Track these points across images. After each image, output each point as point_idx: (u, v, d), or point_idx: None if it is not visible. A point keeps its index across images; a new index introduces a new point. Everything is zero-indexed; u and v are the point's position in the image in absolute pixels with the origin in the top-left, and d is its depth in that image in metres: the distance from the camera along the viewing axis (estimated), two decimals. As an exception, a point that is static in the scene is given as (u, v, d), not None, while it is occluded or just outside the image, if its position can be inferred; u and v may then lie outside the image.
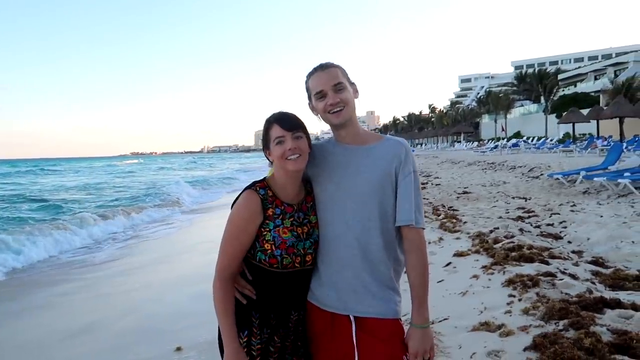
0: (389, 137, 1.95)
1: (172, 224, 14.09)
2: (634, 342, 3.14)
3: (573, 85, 60.60)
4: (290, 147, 1.82)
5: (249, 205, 1.86)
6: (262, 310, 1.90)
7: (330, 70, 1.89)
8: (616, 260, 5.67)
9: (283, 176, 1.91)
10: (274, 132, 1.87)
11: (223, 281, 1.89)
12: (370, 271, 1.83)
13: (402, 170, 1.84)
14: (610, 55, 71.26)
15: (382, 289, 1.84)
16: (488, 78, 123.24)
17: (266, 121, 1.92)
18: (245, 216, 1.85)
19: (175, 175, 47.91)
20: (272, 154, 1.89)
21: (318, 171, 1.95)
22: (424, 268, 1.82)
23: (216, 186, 30.89)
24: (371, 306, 1.82)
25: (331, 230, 1.87)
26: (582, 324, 3.53)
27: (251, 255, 1.89)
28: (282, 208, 1.89)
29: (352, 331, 1.81)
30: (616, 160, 13.16)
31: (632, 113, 32.11)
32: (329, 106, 1.86)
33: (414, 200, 1.82)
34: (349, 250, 1.83)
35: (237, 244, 1.86)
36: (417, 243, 1.82)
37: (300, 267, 1.88)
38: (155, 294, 6.63)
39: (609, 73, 54.31)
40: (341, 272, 1.85)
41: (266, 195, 1.89)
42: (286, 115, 1.90)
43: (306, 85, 1.95)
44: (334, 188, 1.88)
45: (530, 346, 3.32)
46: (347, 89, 1.88)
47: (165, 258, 9.17)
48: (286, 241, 1.84)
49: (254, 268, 1.90)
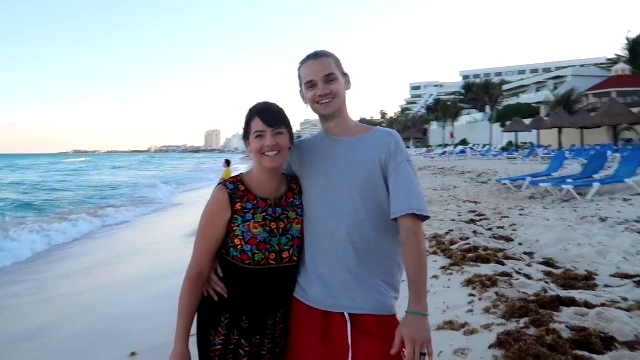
0: (379, 128, 1.90)
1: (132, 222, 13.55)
2: (592, 337, 3.28)
3: (516, 96, 63.44)
4: (269, 144, 1.77)
5: (217, 199, 1.82)
6: (233, 310, 1.81)
7: (322, 59, 1.83)
8: (565, 261, 5.94)
9: (260, 171, 1.86)
10: (254, 125, 1.81)
11: (190, 279, 1.82)
12: (365, 266, 1.77)
13: (393, 160, 1.78)
14: (550, 69, 75.14)
15: (377, 283, 1.77)
16: (437, 86, 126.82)
17: (249, 111, 1.85)
18: (213, 211, 1.81)
19: (138, 174, 46.19)
20: (251, 146, 1.83)
21: (307, 166, 1.89)
22: (421, 257, 1.73)
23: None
24: (366, 302, 1.75)
25: (322, 224, 1.80)
26: (542, 322, 3.65)
27: (225, 252, 1.82)
28: (255, 203, 1.82)
29: (347, 330, 1.74)
30: (559, 167, 13.87)
31: (570, 124, 34.05)
32: (318, 97, 1.81)
33: (410, 188, 1.75)
34: (341, 245, 1.77)
35: (207, 240, 1.81)
36: (414, 232, 1.73)
37: (275, 265, 1.79)
38: (108, 296, 6.32)
39: (550, 85, 57.37)
40: (334, 268, 1.78)
41: (235, 190, 1.83)
42: (269, 108, 1.83)
43: (298, 72, 1.89)
44: (324, 181, 1.82)
45: (495, 344, 3.40)
46: (338, 80, 1.83)
47: (118, 258, 8.79)
48: (257, 236, 1.77)
49: (228, 265, 1.82)
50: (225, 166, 14.47)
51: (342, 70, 1.87)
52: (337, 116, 1.85)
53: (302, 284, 1.86)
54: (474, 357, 3.29)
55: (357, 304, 1.76)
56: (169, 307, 5.72)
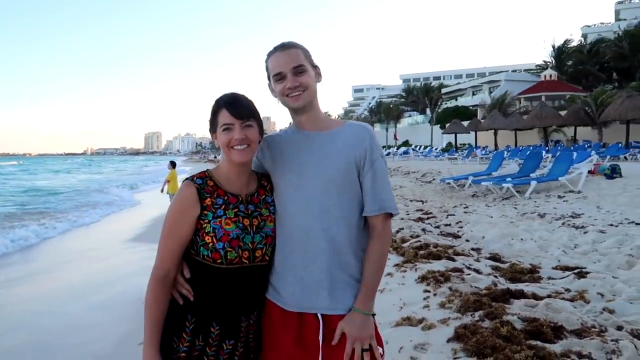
0: (351, 122, 1.85)
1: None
2: (543, 327, 3.41)
3: (454, 99, 65.96)
4: (237, 137, 1.68)
5: (184, 195, 1.70)
6: (200, 314, 1.69)
7: (290, 51, 1.76)
8: (510, 255, 6.18)
9: (228, 165, 1.77)
10: (222, 118, 1.71)
11: (155, 282, 1.70)
12: (339, 264, 1.72)
13: (369, 157, 1.73)
14: (485, 74, 78.74)
15: (351, 283, 1.73)
16: (379, 89, 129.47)
17: (215, 102, 1.74)
18: (180, 208, 1.70)
19: (88, 178, 43.49)
20: (218, 139, 1.73)
21: (278, 162, 1.82)
22: (382, 258, 1.74)
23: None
24: (339, 302, 1.70)
25: (295, 222, 1.73)
26: (496, 314, 3.77)
27: (194, 252, 1.70)
28: (225, 198, 1.72)
29: (319, 331, 1.68)
30: (498, 166, 14.53)
31: (505, 126, 35.90)
32: (287, 90, 1.74)
33: (384, 187, 1.74)
34: (315, 243, 1.70)
35: (173, 239, 1.69)
36: (383, 231, 1.73)
37: (249, 263, 1.69)
38: (47, 306, 5.90)
39: (485, 89, 60.09)
40: (308, 267, 1.71)
41: (204, 185, 1.72)
42: (238, 99, 1.73)
43: (266, 64, 1.81)
44: (297, 178, 1.75)
45: (453, 337, 3.46)
46: (307, 72, 1.76)
47: (54, 267, 8.26)
48: (229, 233, 1.66)
49: (197, 266, 1.70)
50: (170, 168, 14.03)
51: (311, 61, 1.81)
52: (308, 109, 1.78)
53: (275, 285, 1.78)
54: (433, 352, 3.34)
55: (330, 305, 1.70)
56: (112, 315, 5.51)
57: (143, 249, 8.68)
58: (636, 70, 44.96)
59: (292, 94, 1.74)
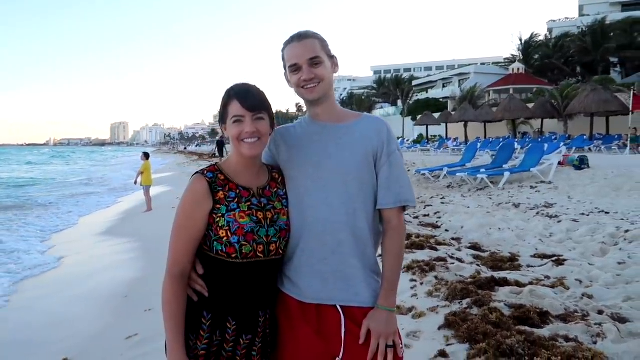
0: (368, 114, 1.86)
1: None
2: (531, 313, 3.53)
3: (425, 91, 66.70)
4: (248, 130, 1.64)
5: (195, 189, 1.66)
6: (215, 310, 1.67)
7: (306, 42, 1.74)
8: (489, 244, 6.35)
9: (237, 158, 1.73)
10: (232, 109, 1.66)
11: (172, 279, 1.65)
12: (359, 256, 1.73)
13: (386, 149, 1.74)
14: (454, 67, 79.85)
15: (369, 274, 1.75)
16: (350, 80, 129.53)
17: (226, 93, 1.70)
18: (191, 202, 1.65)
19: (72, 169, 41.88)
20: (228, 131, 1.69)
21: (294, 153, 1.81)
22: (401, 252, 1.75)
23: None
24: (358, 294, 1.71)
25: (313, 214, 1.73)
26: (483, 302, 3.87)
27: (208, 248, 1.66)
28: (237, 192, 1.69)
29: (340, 323, 1.69)
30: (472, 158, 14.83)
31: (475, 118, 36.57)
32: (303, 81, 1.73)
33: (401, 179, 1.75)
34: (334, 235, 1.71)
35: (186, 235, 1.65)
36: (398, 225, 1.74)
37: (264, 257, 1.67)
38: (24, 301, 5.74)
39: (454, 82, 60.98)
40: (327, 259, 1.72)
41: (215, 178, 1.68)
42: (249, 90, 1.69)
43: (282, 54, 1.80)
44: (314, 170, 1.75)
45: (444, 325, 3.55)
46: (324, 63, 1.75)
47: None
48: (244, 226, 1.63)
49: (211, 262, 1.68)
50: (143, 159, 13.74)
51: (328, 52, 1.79)
52: (324, 101, 1.78)
53: (292, 278, 1.77)
54: (426, 339, 3.41)
55: (350, 296, 1.71)
56: (92, 309, 5.40)
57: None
58: (599, 64, 46.46)
59: (308, 85, 1.73)
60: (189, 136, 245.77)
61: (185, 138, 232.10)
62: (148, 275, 6.01)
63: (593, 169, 12.14)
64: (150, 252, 7.31)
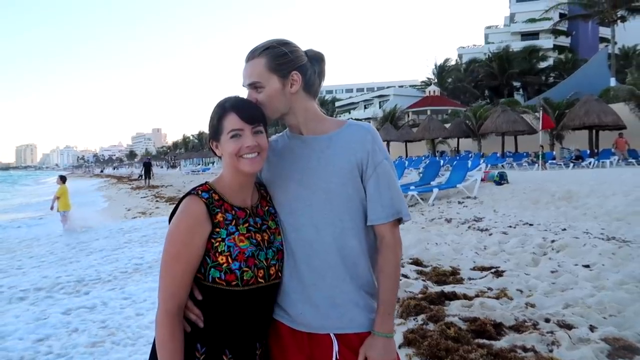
0: (351, 122, 1.71)
1: None
2: (487, 326, 3.59)
3: (348, 112, 68.55)
4: (249, 144, 1.50)
5: (192, 212, 1.49)
6: (210, 342, 1.50)
7: (250, 63, 1.61)
8: (429, 259, 6.47)
9: (233, 177, 1.57)
10: (229, 123, 1.51)
11: (169, 316, 1.45)
12: (350, 278, 1.60)
13: (371, 160, 1.59)
14: (373, 89, 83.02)
15: (363, 297, 1.62)
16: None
17: (219, 106, 1.55)
18: (188, 227, 1.47)
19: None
20: (224, 148, 1.53)
21: (275, 170, 1.68)
22: (396, 270, 1.61)
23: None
24: (353, 320, 1.59)
25: (299, 236, 1.60)
26: (438, 317, 3.90)
27: (202, 276, 1.49)
28: (233, 213, 1.54)
29: (332, 352, 1.56)
30: (401, 175, 15.27)
31: (397, 138, 38.08)
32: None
33: (391, 191, 1.62)
34: (323, 257, 1.58)
35: (184, 265, 1.46)
36: (392, 242, 1.60)
37: (264, 283, 1.53)
38: None
39: (375, 103, 63.32)
40: (316, 284, 1.58)
41: (211, 199, 1.52)
42: (246, 102, 1.56)
43: None
44: (296, 186, 1.62)
45: (404, 343, 3.51)
46: (264, 88, 1.58)
47: None
48: (244, 250, 1.49)
49: (206, 290, 1.50)
50: (59, 183, 12.74)
51: (277, 68, 1.58)
52: (289, 116, 1.65)
53: (281, 304, 1.63)
54: (388, 359, 3.34)
55: (343, 323, 1.59)
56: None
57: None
58: (504, 88, 50.51)
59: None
60: (104, 158, 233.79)
61: (100, 160, 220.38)
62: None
63: (512, 184, 12.94)
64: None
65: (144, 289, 6.24)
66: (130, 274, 7.24)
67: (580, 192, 10.47)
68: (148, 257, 8.22)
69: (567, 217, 8.63)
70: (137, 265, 7.77)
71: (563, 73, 48.66)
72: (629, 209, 8.39)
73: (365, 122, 1.75)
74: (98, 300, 5.87)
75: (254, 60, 1.60)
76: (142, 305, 5.52)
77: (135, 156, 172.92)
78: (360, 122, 1.73)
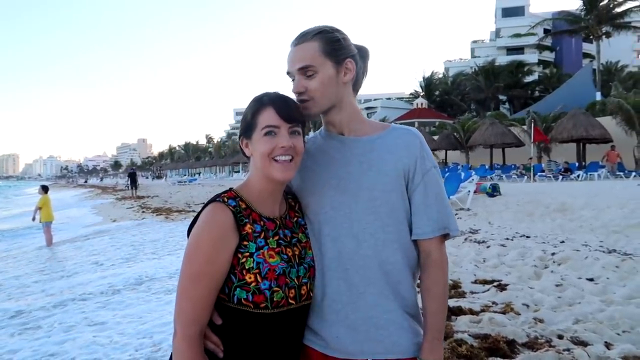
0: (395, 126, 1.53)
1: None
2: (500, 343, 3.42)
3: (336, 124, 68.66)
4: (284, 144, 1.32)
5: (218, 222, 1.29)
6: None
7: (301, 46, 1.43)
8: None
9: (263, 182, 1.38)
10: (265, 118, 1.33)
11: (190, 342, 1.26)
12: (393, 297, 1.41)
13: (419, 167, 1.43)
14: (361, 101, 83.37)
15: (405, 318, 1.43)
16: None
17: (256, 100, 1.37)
18: (213, 240, 1.27)
19: None
20: (255, 147, 1.35)
21: (308, 175, 1.49)
22: (445, 290, 1.44)
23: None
24: (396, 344, 1.40)
25: (335, 247, 1.41)
26: (447, 333, 3.71)
27: (225, 296, 1.30)
28: (262, 224, 1.35)
29: None
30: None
31: (385, 149, 38.13)
32: (294, 94, 1.44)
33: (440, 204, 1.45)
34: (362, 272, 1.40)
35: (207, 283, 1.27)
36: (439, 258, 1.43)
37: (295, 304, 1.34)
38: None
39: (364, 115, 63.62)
40: (355, 303, 1.40)
41: (239, 207, 1.33)
42: (287, 99, 1.38)
43: None
44: (334, 193, 1.43)
45: (414, 362, 3.32)
46: (317, 73, 1.42)
47: None
48: (274, 267, 1.29)
49: (229, 313, 1.30)
50: (41, 193, 12.35)
51: (333, 53, 1.43)
52: (332, 113, 1.47)
53: (313, 327, 1.44)
54: (398, 380, 3.15)
55: (385, 347, 1.40)
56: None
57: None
58: (491, 101, 51.08)
59: (299, 99, 1.43)
60: (89, 169, 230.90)
61: (85, 171, 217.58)
62: None
63: (504, 196, 12.90)
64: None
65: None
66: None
67: (575, 204, 10.44)
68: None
69: (563, 229, 8.56)
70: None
71: (548, 87, 49.47)
72: (626, 221, 8.35)
73: (412, 127, 1.58)
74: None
75: (306, 43, 1.43)
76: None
77: (120, 167, 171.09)
78: (407, 126, 1.55)
